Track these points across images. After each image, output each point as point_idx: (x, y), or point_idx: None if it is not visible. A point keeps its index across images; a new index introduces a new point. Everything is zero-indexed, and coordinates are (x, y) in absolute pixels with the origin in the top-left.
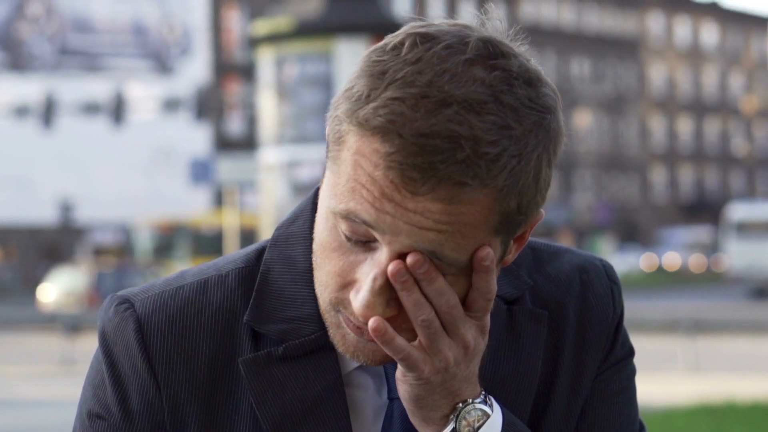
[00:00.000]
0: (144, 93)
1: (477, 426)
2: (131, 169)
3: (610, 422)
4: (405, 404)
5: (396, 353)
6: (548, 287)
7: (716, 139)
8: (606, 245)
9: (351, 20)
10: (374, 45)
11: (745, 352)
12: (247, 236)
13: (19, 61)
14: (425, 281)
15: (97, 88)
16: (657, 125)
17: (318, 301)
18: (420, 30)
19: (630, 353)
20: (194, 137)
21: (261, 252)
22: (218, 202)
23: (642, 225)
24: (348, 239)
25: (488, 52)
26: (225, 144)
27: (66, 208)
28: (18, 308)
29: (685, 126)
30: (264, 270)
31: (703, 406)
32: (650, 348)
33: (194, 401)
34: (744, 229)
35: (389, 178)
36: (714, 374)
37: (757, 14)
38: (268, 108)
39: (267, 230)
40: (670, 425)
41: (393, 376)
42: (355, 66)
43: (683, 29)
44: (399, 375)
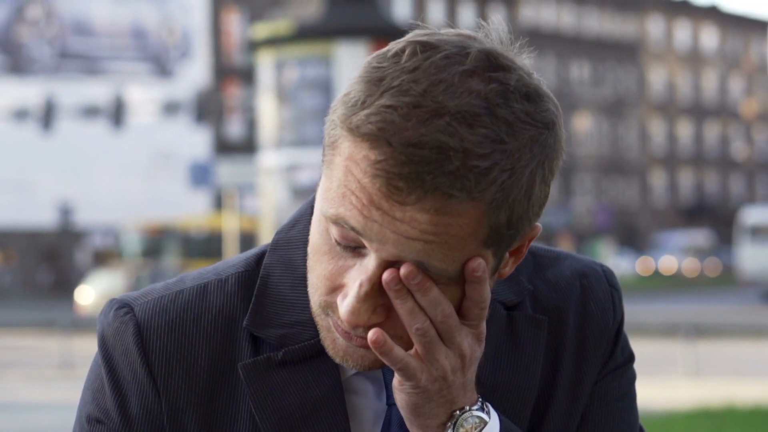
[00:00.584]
0: (144, 96)
1: None
2: (131, 173)
3: (610, 428)
4: (402, 412)
5: (394, 363)
6: (548, 293)
7: (716, 143)
8: (606, 249)
9: (350, 24)
10: (376, 50)
11: (745, 356)
12: (247, 239)
13: (19, 65)
14: (419, 292)
15: (97, 92)
16: (657, 129)
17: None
18: (422, 38)
19: (630, 359)
20: (194, 140)
21: (261, 256)
22: (218, 206)
23: (642, 228)
24: (338, 243)
25: (488, 65)
26: (225, 147)
27: (65, 212)
28: (17, 311)
29: (685, 130)
30: (264, 274)
31: (703, 411)
32: (650, 352)
33: (193, 406)
34: (758, 233)
35: (376, 186)
36: (714, 378)
37: (757, 18)
38: (268, 111)
39: (267, 233)
40: (670, 429)
41: (392, 382)
42: (356, 71)
43: (683, 33)
44: (396, 384)
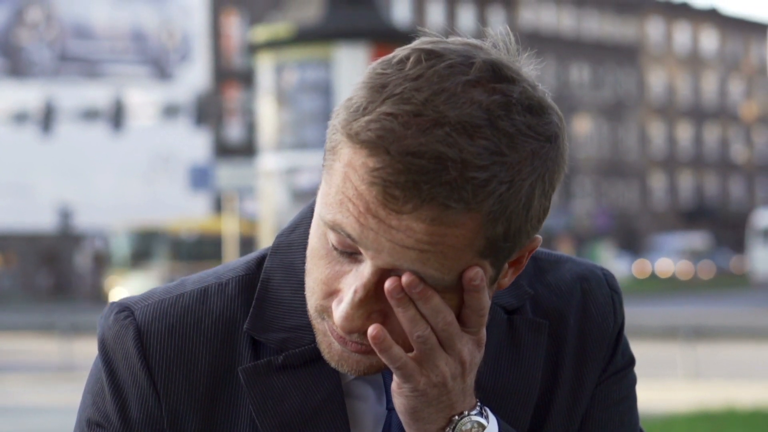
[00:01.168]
0: (143, 99)
1: None
2: (130, 176)
3: (611, 431)
4: (401, 416)
5: (392, 362)
6: (549, 297)
7: (716, 146)
8: (605, 251)
9: (350, 27)
10: (376, 53)
11: (745, 359)
12: (244, 243)
13: (19, 68)
14: (421, 300)
15: (97, 95)
16: (656, 131)
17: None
18: (427, 46)
19: (630, 362)
20: (193, 143)
21: (261, 260)
22: (217, 209)
23: (642, 231)
24: (335, 248)
25: (492, 75)
26: (224, 150)
27: (65, 215)
28: (17, 314)
29: (685, 132)
30: (264, 278)
31: (703, 413)
32: (650, 355)
33: (194, 410)
34: None
35: (373, 194)
36: (714, 381)
37: (757, 20)
38: (268, 114)
39: (266, 236)
40: None
41: (391, 386)
42: (360, 76)
43: (683, 35)
44: (395, 387)
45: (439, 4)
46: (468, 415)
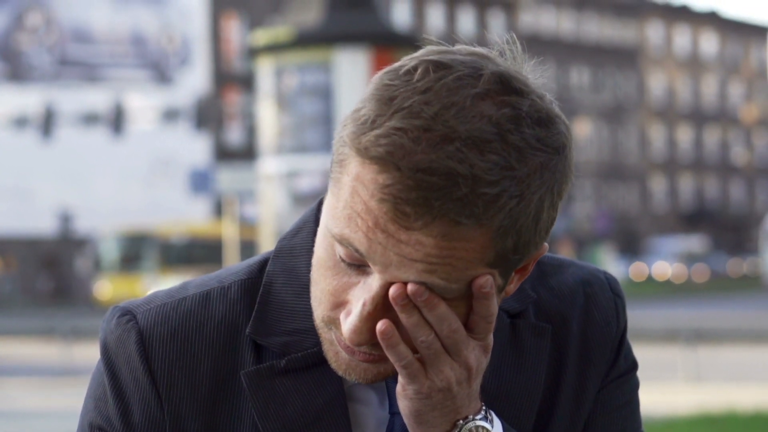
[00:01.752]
0: (143, 103)
1: None
2: (131, 180)
3: None
4: (405, 419)
5: (398, 359)
6: (552, 300)
7: (716, 148)
8: (606, 255)
9: (351, 30)
10: (376, 57)
11: (746, 362)
12: (245, 247)
13: (19, 72)
14: (426, 308)
15: (97, 99)
16: (656, 134)
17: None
18: (434, 57)
19: (633, 367)
20: (194, 147)
21: (264, 263)
22: (218, 213)
23: (642, 234)
24: (342, 260)
25: (500, 88)
26: (224, 154)
27: (65, 219)
28: (18, 319)
29: (685, 135)
30: (267, 282)
31: (704, 416)
32: (650, 358)
33: (196, 414)
34: None
35: (383, 210)
36: (715, 384)
37: (757, 23)
38: (268, 118)
39: (267, 240)
40: None
41: (395, 391)
42: (368, 86)
43: (683, 38)
44: (399, 389)
45: (439, 8)
46: (473, 420)
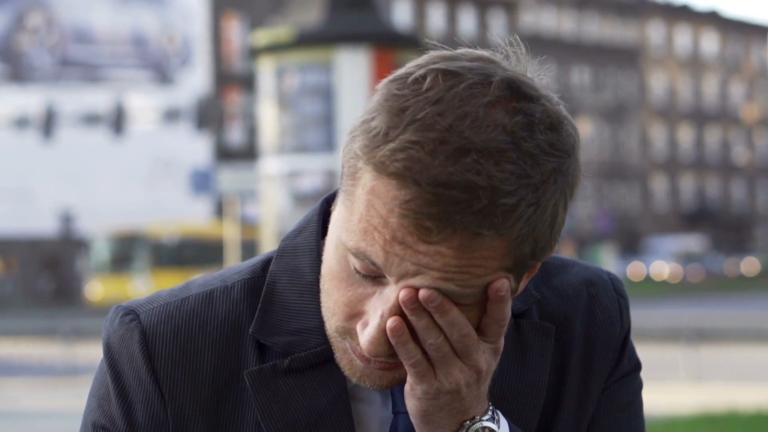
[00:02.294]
0: (144, 104)
1: None
2: (132, 180)
3: None
4: (412, 419)
5: (408, 357)
6: (555, 300)
7: (717, 148)
8: (607, 254)
9: (351, 30)
10: (377, 56)
11: (748, 361)
12: (248, 246)
13: (19, 73)
14: (437, 313)
15: (98, 99)
16: (657, 134)
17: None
18: (442, 66)
19: (637, 367)
20: (195, 148)
21: (267, 263)
22: (219, 213)
23: (643, 234)
24: (357, 272)
25: (510, 94)
26: (225, 154)
27: (66, 220)
28: (19, 320)
29: (686, 135)
30: (270, 281)
31: (706, 416)
32: (652, 357)
33: (199, 413)
34: None
35: (403, 225)
36: (716, 383)
37: (758, 23)
38: (269, 118)
39: (268, 240)
40: None
41: (398, 391)
42: (375, 95)
43: (683, 38)
44: (408, 388)
45: (440, 8)
46: (480, 420)
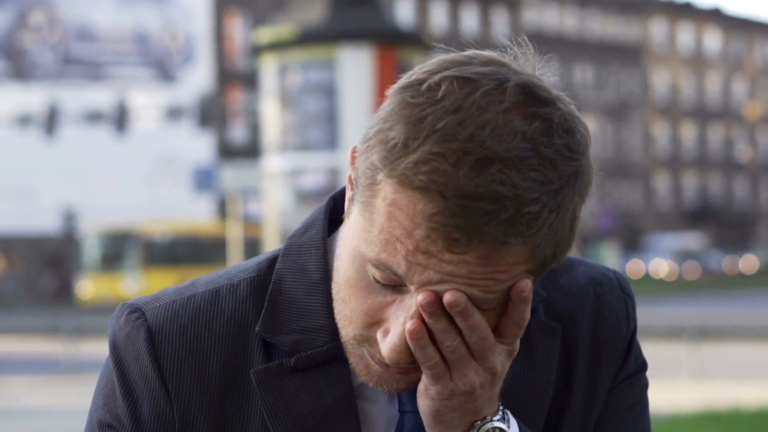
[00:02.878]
0: (147, 101)
1: None
2: (134, 178)
3: None
4: (423, 417)
5: (426, 360)
6: (562, 300)
7: (719, 146)
8: (610, 252)
9: (354, 28)
10: (380, 54)
11: (751, 359)
12: (250, 244)
13: (22, 71)
14: (461, 317)
15: (100, 97)
16: (660, 132)
17: (333, 318)
18: (456, 72)
19: (643, 367)
20: (197, 145)
21: (273, 261)
22: (222, 211)
23: (645, 231)
24: (376, 281)
25: (526, 99)
26: (228, 152)
27: (69, 218)
28: (21, 317)
29: (689, 132)
30: (276, 279)
31: (709, 413)
32: (654, 355)
33: (205, 412)
34: None
35: (430, 238)
36: (719, 381)
37: (761, 20)
38: (271, 116)
39: (271, 238)
40: None
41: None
42: (387, 104)
43: (686, 35)
44: (422, 388)
45: (443, 5)
46: (490, 421)
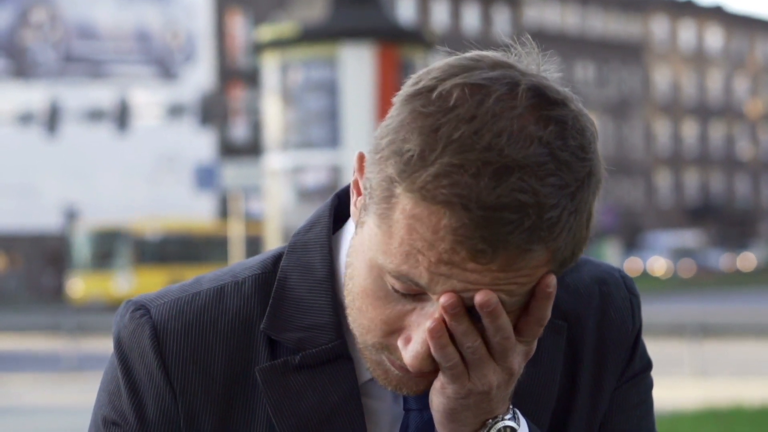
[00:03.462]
0: (148, 99)
1: None
2: (136, 176)
3: None
4: (436, 415)
5: (446, 360)
6: (567, 298)
7: (721, 143)
8: (611, 250)
9: (355, 26)
10: (381, 52)
11: (752, 356)
12: (252, 242)
13: (24, 68)
14: (489, 318)
15: (102, 95)
16: (662, 129)
17: (338, 315)
18: (465, 78)
19: (648, 366)
20: (199, 143)
21: (277, 258)
22: (223, 208)
23: (647, 229)
24: (396, 291)
25: (538, 102)
26: (230, 150)
27: (70, 215)
28: (23, 315)
29: (690, 130)
30: (281, 277)
31: (710, 411)
32: (656, 352)
33: (210, 409)
34: None
35: (455, 250)
36: (721, 378)
37: (762, 18)
38: (273, 114)
39: (273, 235)
40: (677, 430)
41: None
42: (397, 113)
43: (688, 33)
44: (438, 386)
45: (444, 3)
46: (502, 420)
